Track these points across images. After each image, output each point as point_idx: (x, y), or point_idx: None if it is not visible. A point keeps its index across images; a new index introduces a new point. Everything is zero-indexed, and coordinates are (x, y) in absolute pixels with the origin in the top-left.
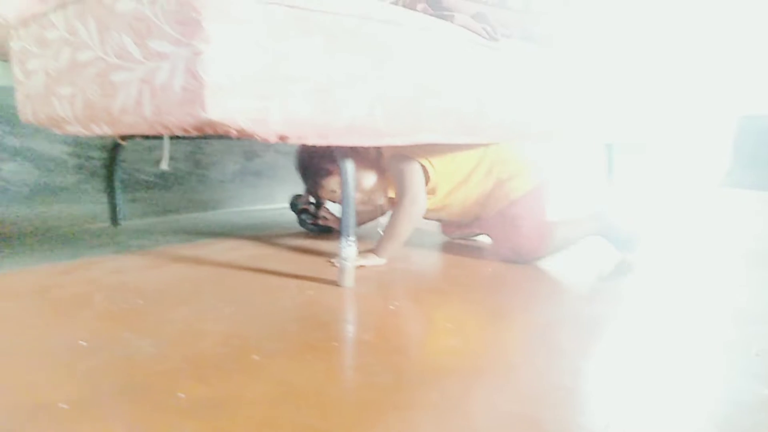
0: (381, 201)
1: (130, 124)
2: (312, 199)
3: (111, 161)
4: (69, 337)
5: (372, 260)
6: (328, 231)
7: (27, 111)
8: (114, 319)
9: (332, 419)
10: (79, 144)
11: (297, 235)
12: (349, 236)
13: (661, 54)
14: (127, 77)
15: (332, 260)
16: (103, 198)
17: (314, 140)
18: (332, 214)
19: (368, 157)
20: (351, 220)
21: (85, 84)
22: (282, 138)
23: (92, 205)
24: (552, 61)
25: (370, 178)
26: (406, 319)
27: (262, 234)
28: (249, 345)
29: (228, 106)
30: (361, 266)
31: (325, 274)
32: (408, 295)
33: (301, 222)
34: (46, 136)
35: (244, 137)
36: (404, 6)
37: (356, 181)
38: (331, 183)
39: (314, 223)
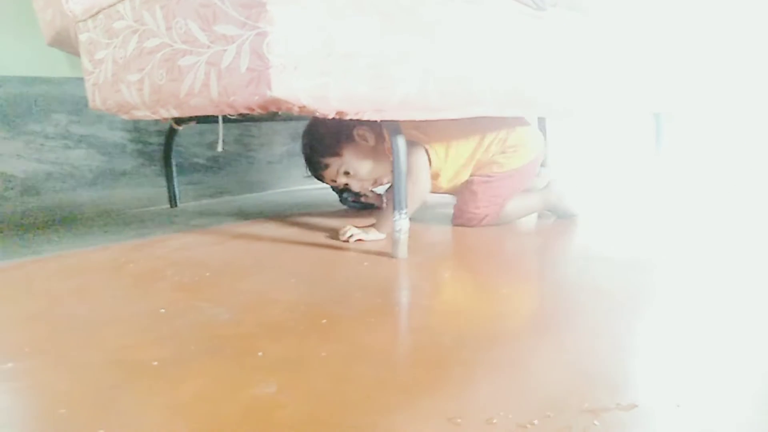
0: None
1: (197, 106)
2: None
3: (167, 146)
4: (149, 306)
5: (372, 235)
6: (370, 207)
7: (96, 99)
8: (186, 290)
9: (402, 374)
10: (137, 130)
11: (344, 212)
12: (402, 209)
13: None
14: (194, 61)
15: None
16: (161, 181)
17: (370, 115)
18: (372, 192)
19: (365, 145)
20: (403, 194)
21: (152, 70)
22: (340, 113)
23: (151, 188)
24: (600, 30)
25: (366, 166)
26: (461, 286)
27: (312, 211)
28: (316, 311)
29: (291, 84)
30: (360, 240)
31: (378, 246)
32: (460, 265)
33: (343, 200)
34: (108, 124)
35: (305, 114)
36: None
37: (354, 170)
38: (330, 173)
39: (355, 200)
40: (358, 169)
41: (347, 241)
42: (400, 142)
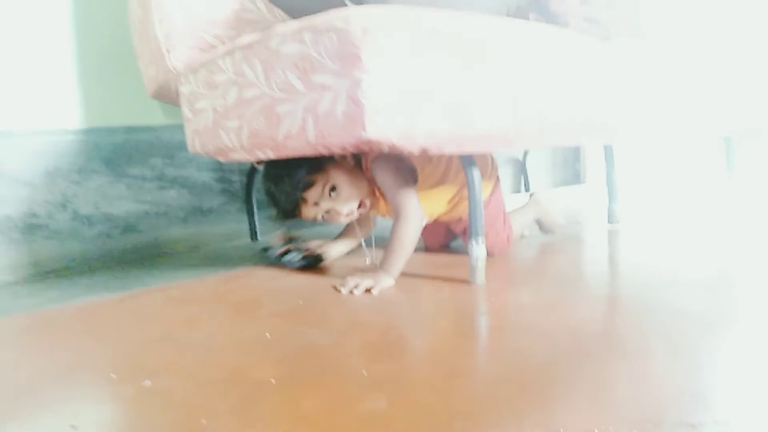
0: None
1: (294, 148)
2: (286, 236)
3: (248, 184)
4: (255, 331)
5: (384, 282)
6: (320, 261)
7: (195, 144)
8: (285, 316)
9: (502, 391)
10: (222, 170)
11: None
12: (478, 237)
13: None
14: (292, 108)
15: (338, 285)
16: (243, 217)
17: (451, 149)
18: (318, 240)
19: (346, 164)
20: (479, 221)
21: (251, 117)
22: (423, 150)
23: (234, 223)
24: (665, 54)
25: (351, 184)
26: (542, 310)
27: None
28: (407, 334)
29: (383, 126)
30: (368, 291)
31: (455, 273)
32: (536, 289)
33: (288, 263)
34: (197, 166)
35: (392, 151)
36: (516, 16)
37: (340, 186)
38: (314, 194)
39: (310, 254)
40: (343, 186)
41: (351, 293)
42: (475, 173)
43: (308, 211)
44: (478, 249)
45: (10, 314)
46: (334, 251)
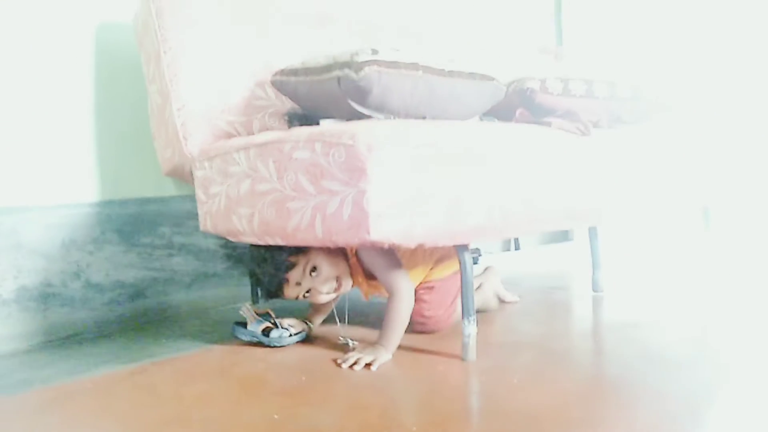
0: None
1: (302, 239)
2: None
3: (251, 249)
4: (263, 411)
5: (383, 357)
6: (305, 338)
7: (207, 223)
8: (289, 395)
9: None
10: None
11: None
12: (470, 317)
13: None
14: (302, 206)
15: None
16: (245, 281)
17: (445, 242)
18: (289, 318)
19: (326, 248)
20: (471, 301)
21: (263, 207)
22: (419, 244)
23: (235, 287)
24: (640, 140)
25: (330, 263)
26: (533, 391)
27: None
28: (405, 416)
29: (385, 228)
30: (368, 366)
31: (446, 348)
32: (527, 367)
33: (277, 341)
34: (202, 234)
35: (391, 246)
36: (504, 109)
37: (320, 266)
38: (296, 275)
39: (298, 330)
40: (323, 265)
41: (352, 368)
42: (467, 257)
43: (290, 291)
44: (470, 327)
45: (29, 387)
46: (315, 323)
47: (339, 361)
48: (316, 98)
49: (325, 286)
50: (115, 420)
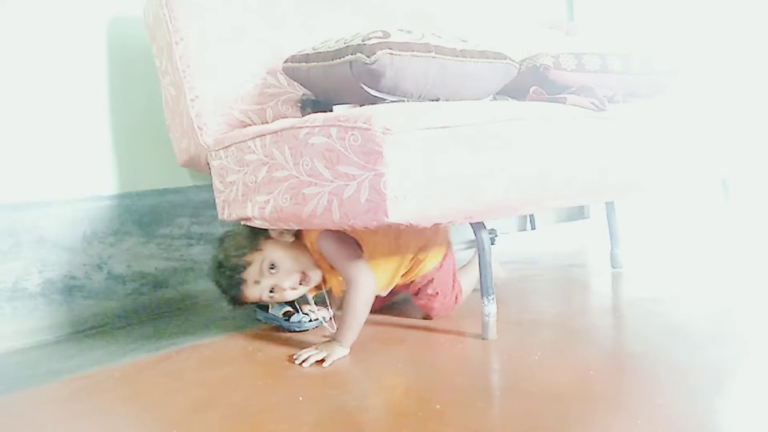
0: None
1: (317, 224)
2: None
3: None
4: (288, 394)
5: (337, 353)
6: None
7: (225, 212)
8: (312, 377)
9: None
10: None
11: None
12: (490, 294)
13: None
14: (318, 191)
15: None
16: None
17: (460, 221)
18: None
19: (284, 242)
20: (490, 280)
21: (278, 194)
22: (435, 223)
23: None
24: (656, 113)
25: (289, 258)
26: (553, 367)
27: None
28: (428, 396)
29: (403, 210)
30: (320, 362)
31: (466, 327)
32: (547, 344)
33: (298, 325)
34: (221, 222)
35: (408, 227)
36: (517, 87)
37: (278, 262)
38: (252, 273)
39: (317, 315)
40: (281, 260)
41: (301, 365)
42: (484, 235)
43: (251, 291)
44: (490, 306)
45: (58, 377)
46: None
47: (294, 357)
48: (329, 83)
49: (287, 281)
50: (144, 406)
